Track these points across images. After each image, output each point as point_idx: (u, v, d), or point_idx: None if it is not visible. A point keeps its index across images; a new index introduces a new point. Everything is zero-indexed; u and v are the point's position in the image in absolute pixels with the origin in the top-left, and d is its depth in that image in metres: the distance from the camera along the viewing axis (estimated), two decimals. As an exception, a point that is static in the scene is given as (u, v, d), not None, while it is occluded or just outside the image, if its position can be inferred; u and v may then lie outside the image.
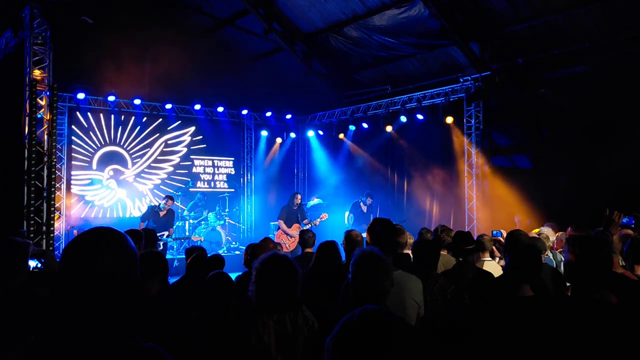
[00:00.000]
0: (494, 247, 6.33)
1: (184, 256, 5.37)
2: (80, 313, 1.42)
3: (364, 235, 6.28)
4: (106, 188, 12.95)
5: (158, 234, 9.82)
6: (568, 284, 4.12)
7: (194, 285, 4.33)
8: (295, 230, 10.26)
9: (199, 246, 5.25)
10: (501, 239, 6.20)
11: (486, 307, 3.00)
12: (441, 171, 12.52)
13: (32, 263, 3.94)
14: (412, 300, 3.37)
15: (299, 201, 10.69)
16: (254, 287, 2.87)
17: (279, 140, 15.55)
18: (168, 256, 10.37)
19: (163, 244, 10.17)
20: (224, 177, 15.02)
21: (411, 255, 4.63)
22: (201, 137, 14.47)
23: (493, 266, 5.31)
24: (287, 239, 10.29)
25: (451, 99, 11.45)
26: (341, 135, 14.61)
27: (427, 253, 4.23)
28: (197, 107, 13.71)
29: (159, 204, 10.69)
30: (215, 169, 14.87)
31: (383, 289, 2.70)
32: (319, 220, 10.45)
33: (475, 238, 5.40)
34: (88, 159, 12.73)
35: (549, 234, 6.64)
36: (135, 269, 1.53)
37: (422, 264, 4.11)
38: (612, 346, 2.36)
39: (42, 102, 8.93)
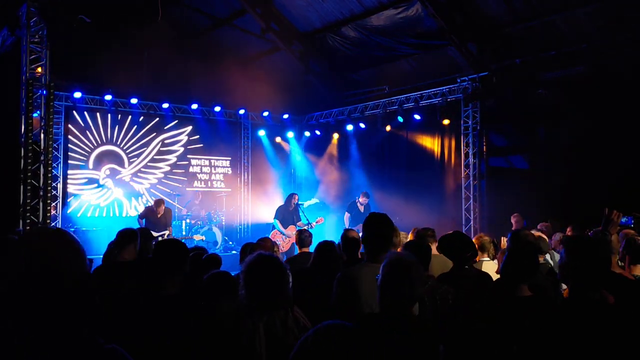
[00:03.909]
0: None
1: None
2: (32, 313, 1.38)
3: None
4: (102, 187, 12.91)
5: (158, 233, 9.84)
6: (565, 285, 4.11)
7: (191, 284, 4.31)
8: (290, 232, 10.24)
9: (200, 247, 5.27)
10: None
11: (485, 307, 3.00)
12: (438, 172, 12.53)
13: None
14: None
15: (296, 202, 10.67)
16: (242, 289, 2.84)
17: (276, 140, 15.53)
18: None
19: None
20: (221, 177, 15.00)
21: None
22: (198, 136, 14.44)
23: (491, 267, 5.28)
24: (282, 240, 10.27)
25: (448, 100, 11.46)
26: (338, 135, 14.62)
27: (418, 255, 4.16)
28: (194, 106, 13.69)
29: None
30: (212, 168, 14.85)
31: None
32: (314, 223, 10.43)
33: (472, 238, 5.37)
34: (85, 158, 12.70)
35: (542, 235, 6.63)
36: (83, 266, 1.49)
37: None
38: (611, 346, 2.36)
39: (39, 101, 8.89)
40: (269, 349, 2.71)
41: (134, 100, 12.75)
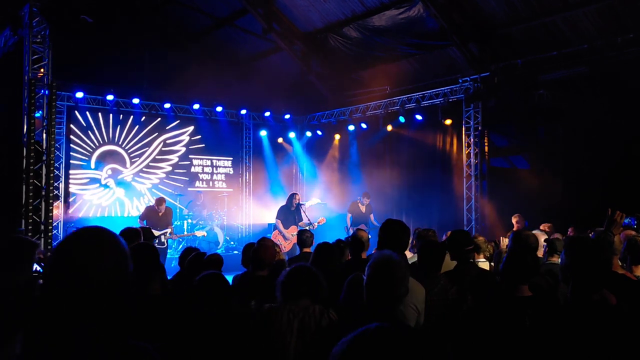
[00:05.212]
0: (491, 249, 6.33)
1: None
2: (73, 313, 1.39)
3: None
4: (104, 187, 12.93)
5: (161, 232, 9.86)
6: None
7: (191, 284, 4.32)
8: (292, 232, 10.23)
9: (195, 247, 5.29)
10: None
11: (486, 307, 3.00)
12: (439, 172, 12.53)
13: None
14: (411, 305, 3.29)
15: (297, 201, 10.66)
16: (279, 289, 3.01)
17: (278, 140, 15.54)
18: (168, 255, 10.38)
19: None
20: (223, 177, 15.01)
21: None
22: (200, 136, 14.45)
23: (486, 268, 5.28)
24: (284, 240, 10.27)
25: (450, 100, 11.47)
26: (339, 136, 14.63)
27: (434, 255, 4.13)
28: (196, 106, 13.70)
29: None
30: (214, 168, 14.86)
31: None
32: (316, 224, 10.43)
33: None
34: (87, 158, 12.71)
35: (539, 236, 6.62)
36: (128, 267, 1.50)
37: (427, 265, 4.01)
38: (613, 347, 2.37)
39: (41, 101, 8.91)
40: (301, 348, 2.79)
41: (135, 100, 12.76)
